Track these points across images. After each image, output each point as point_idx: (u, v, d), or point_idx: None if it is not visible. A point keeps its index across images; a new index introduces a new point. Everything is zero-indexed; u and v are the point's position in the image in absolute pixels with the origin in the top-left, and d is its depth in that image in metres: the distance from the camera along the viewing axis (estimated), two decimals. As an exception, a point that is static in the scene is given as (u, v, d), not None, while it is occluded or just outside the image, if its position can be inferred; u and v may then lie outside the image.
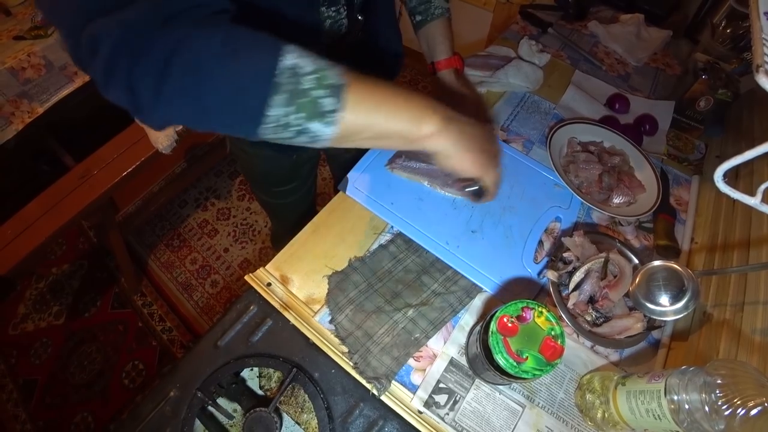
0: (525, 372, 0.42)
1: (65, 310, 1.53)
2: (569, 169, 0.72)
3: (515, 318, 0.44)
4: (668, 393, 0.39)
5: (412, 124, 0.40)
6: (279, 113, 0.34)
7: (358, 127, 0.38)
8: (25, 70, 1.19)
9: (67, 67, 1.28)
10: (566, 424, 0.53)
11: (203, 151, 1.83)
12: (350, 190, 0.70)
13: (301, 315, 0.59)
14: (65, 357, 1.45)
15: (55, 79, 1.27)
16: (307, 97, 0.34)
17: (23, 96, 1.22)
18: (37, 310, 1.54)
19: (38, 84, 1.24)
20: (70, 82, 1.31)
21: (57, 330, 1.50)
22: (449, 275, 0.63)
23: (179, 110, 0.34)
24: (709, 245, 0.65)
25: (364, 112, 0.37)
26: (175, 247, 1.69)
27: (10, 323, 1.51)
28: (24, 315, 1.52)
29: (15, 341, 1.48)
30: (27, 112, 1.25)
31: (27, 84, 1.21)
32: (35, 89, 1.24)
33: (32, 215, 1.21)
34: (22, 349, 1.46)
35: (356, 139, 0.39)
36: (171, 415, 0.53)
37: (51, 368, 1.42)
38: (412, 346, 0.57)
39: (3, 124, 1.21)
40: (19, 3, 1.34)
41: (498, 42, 1.01)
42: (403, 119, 0.39)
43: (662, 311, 0.52)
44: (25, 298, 1.56)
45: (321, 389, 0.55)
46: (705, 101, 0.79)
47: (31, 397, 1.38)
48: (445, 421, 0.53)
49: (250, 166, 0.83)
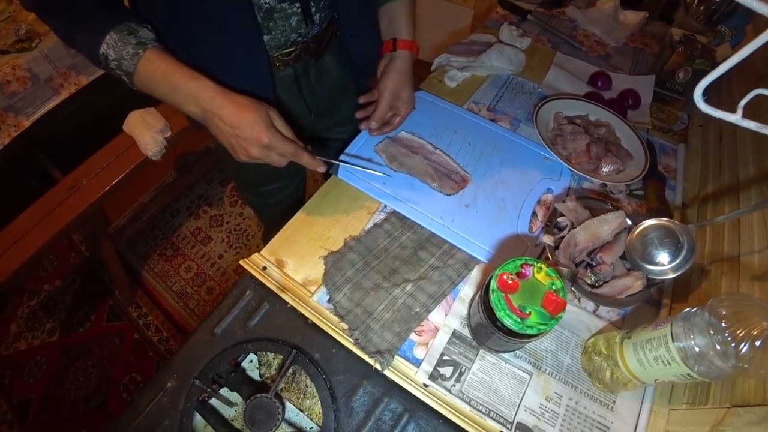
0: (529, 327, 0.41)
1: (59, 327, 1.50)
2: (557, 142, 0.73)
3: (515, 275, 0.44)
4: (675, 340, 0.39)
5: (177, 105, 0.55)
6: (107, 72, 0.55)
7: (146, 92, 0.55)
8: (11, 84, 1.18)
9: (53, 79, 1.28)
10: (575, 389, 0.53)
11: (193, 160, 1.82)
12: (342, 173, 0.70)
13: (298, 296, 0.58)
14: (60, 374, 1.41)
15: (41, 92, 1.26)
16: (113, 70, 0.53)
17: (9, 110, 1.21)
18: (30, 328, 1.50)
19: (24, 97, 1.23)
20: (56, 94, 1.30)
21: (51, 347, 1.46)
22: (445, 249, 0.63)
23: None
24: (700, 203, 0.65)
25: (144, 89, 0.55)
26: (169, 256, 1.66)
27: (3, 343, 1.47)
28: (16, 334, 1.49)
29: (8, 361, 1.44)
30: (13, 125, 1.24)
31: (13, 97, 1.20)
32: (21, 102, 1.23)
33: (22, 228, 1.19)
34: (16, 369, 1.42)
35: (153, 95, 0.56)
36: (169, 406, 0.52)
37: (46, 386, 1.39)
38: (413, 321, 0.57)
39: (-11, 138, 1.20)
40: (1, 19, 1.34)
41: (479, 30, 1.03)
42: (169, 103, 0.55)
43: (661, 270, 0.53)
44: (17, 317, 1.52)
45: (322, 370, 0.54)
46: (684, 72, 0.81)
47: (26, 417, 1.33)
48: (452, 392, 0.52)
49: (234, 164, 0.80)
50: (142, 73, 0.52)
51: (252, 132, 0.52)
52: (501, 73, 0.90)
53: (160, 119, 1.32)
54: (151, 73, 0.52)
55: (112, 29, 0.51)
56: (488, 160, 0.73)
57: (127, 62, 0.51)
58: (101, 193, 1.25)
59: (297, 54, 0.65)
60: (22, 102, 1.23)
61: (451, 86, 0.86)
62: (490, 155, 0.73)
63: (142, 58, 0.51)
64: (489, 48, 0.90)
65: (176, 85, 0.52)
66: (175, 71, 0.52)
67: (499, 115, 0.82)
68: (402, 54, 0.70)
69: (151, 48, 0.52)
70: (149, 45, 0.52)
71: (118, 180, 1.28)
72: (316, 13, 0.62)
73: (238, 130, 0.53)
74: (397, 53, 0.70)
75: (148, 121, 1.30)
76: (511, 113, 0.82)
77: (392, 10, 0.71)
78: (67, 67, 1.30)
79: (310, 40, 0.65)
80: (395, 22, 0.71)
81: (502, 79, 0.89)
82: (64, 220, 1.22)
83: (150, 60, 0.52)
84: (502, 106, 0.84)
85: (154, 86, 0.53)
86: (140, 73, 0.52)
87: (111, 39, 0.51)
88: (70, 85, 1.31)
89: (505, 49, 0.90)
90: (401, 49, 0.70)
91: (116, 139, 1.37)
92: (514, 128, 0.80)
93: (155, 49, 0.52)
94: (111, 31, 0.51)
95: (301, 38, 0.63)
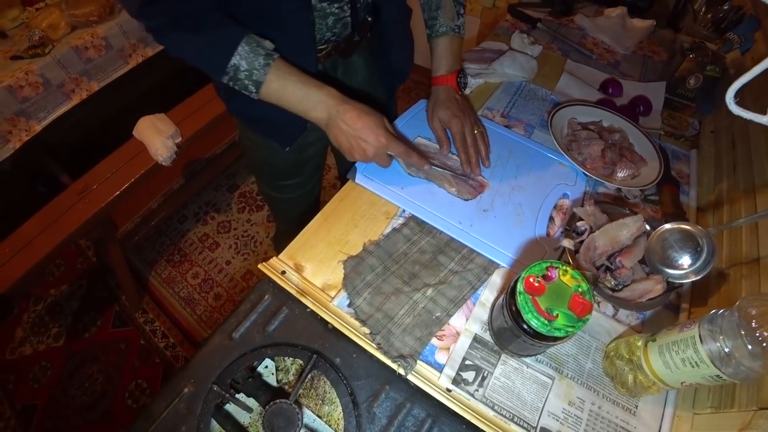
0: (557, 330, 0.42)
1: (65, 332, 1.49)
2: (572, 147, 0.74)
3: (541, 277, 0.44)
4: (703, 341, 0.39)
5: (302, 113, 0.61)
6: (225, 81, 0.58)
7: (272, 102, 0.60)
8: (23, 89, 1.19)
9: (65, 84, 1.29)
10: (597, 393, 0.53)
11: (201, 166, 1.83)
12: (359, 178, 0.70)
13: (318, 300, 0.58)
14: (66, 379, 1.40)
15: (53, 97, 1.27)
16: (240, 80, 0.57)
17: (21, 114, 1.22)
18: (36, 332, 1.49)
19: (36, 102, 1.24)
20: (68, 99, 1.31)
21: (56, 352, 1.45)
22: (465, 254, 0.63)
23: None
24: (715, 208, 0.66)
25: (273, 99, 0.59)
26: (176, 262, 1.66)
27: (8, 347, 1.46)
28: (22, 338, 1.48)
29: (13, 366, 1.43)
30: (24, 130, 1.24)
31: (25, 102, 1.21)
32: (33, 107, 1.24)
33: (31, 232, 1.19)
34: (21, 374, 1.41)
35: (276, 105, 0.60)
36: (186, 412, 0.51)
37: (51, 392, 1.38)
38: (434, 325, 0.57)
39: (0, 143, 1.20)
40: (15, 26, 1.35)
41: (490, 38, 1.04)
42: (295, 109, 0.60)
43: (682, 274, 0.53)
44: (23, 322, 1.52)
45: (343, 375, 0.54)
46: (695, 79, 0.82)
47: (30, 423, 1.32)
48: (475, 397, 0.52)
49: (256, 156, 0.85)
50: (274, 81, 0.57)
51: (372, 134, 0.59)
52: (513, 80, 0.91)
53: (171, 125, 1.33)
54: (283, 81, 0.57)
55: (242, 40, 0.55)
56: (504, 165, 0.73)
57: (258, 72, 0.56)
58: (111, 197, 1.26)
59: (328, 52, 0.68)
60: (34, 107, 1.24)
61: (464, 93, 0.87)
62: (506, 161, 0.74)
63: (272, 68, 0.56)
64: (501, 55, 0.91)
65: (308, 92, 0.58)
66: (306, 81, 0.58)
67: (513, 122, 0.83)
68: (435, 89, 0.77)
69: (277, 58, 0.57)
70: (275, 55, 0.57)
71: (128, 185, 1.28)
72: (351, 15, 0.65)
73: (360, 131, 0.59)
74: (433, 89, 0.77)
75: (158, 126, 1.31)
76: (525, 119, 0.83)
77: (433, 47, 0.76)
78: (78, 73, 1.31)
79: (341, 39, 0.68)
80: (433, 58, 0.76)
81: (515, 85, 0.91)
82: (73, 225, 1.22)
83: (281, 69, 0.57)
84: (515, 113, 0.85)
85: (286, 93, 0.58)
86: (271, 82, 0.57)
87: (243, 50, 0.55)
88: (81, 90, 1.32)
89: (518, 57, 0.91)
90: (433, 85, 0.77)
91: (126, 145, 1.37)
92: (528, 134, 0.80)
93: (281, 60, 0.58)
94: (242, 42, 0.55)
95: (334, 37, 0.67)
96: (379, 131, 0.60)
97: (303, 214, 1.00)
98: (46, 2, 1.37)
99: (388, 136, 0.61)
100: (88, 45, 1.30)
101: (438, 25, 0.74)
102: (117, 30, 1.36)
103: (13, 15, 1.36)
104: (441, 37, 0.74)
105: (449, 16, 0.73)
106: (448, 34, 0.74)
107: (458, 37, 0.75)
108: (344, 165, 1.05)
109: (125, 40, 1.40)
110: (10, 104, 1.18)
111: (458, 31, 0.74)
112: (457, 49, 0.75)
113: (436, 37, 0.75)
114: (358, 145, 0.60)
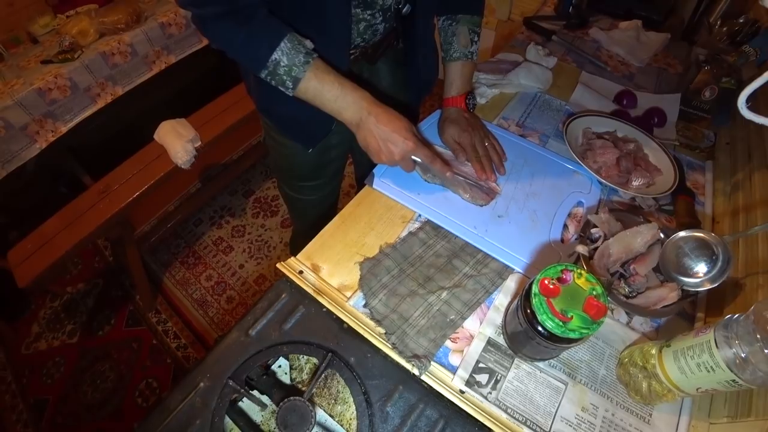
0: (572, 331, 0.42)
1: (79, 329, 1.52)
2: (587, 156, 0.75)
3: (556, 280, 0.45)
4: (719, 346, 0.39)
5: (335, 113, 0.63)
6: (263, 75, 0.60)
7: (306, 99, 0.62)
8: (52, 91, 1.24)
9: (91, 88, 1.34)
10: (611, 400, 0.53)
11: (217, 171, 1.87)
12: (377, 183, 0.72)
13: (334, 300, 0.59)
14: (78, 376, 1.43)
15: (80, 100, 1.32)
16: (278, 75, 0.59)
17: (48, 116, 1.27)
18: (51, 329, 1.53)
19: (63, 104, 1.29)
20: (93, 102, 1.36)
21: (70, 348, 1.48)
22: (479, 258, 0.64)
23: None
24: (731, 218, 0.66)
25: (309, 96, 0.62)
26: (191, 264, 1.69)
27: (24, 342, 1.49)
28: (37, 334, 1.52)
29: (28, 360, 1.46)
30: (51, 131, 1.29)
31: (53, 104, 1.26)
32: (60, 109, 1.29)
33: (53, 230, 1.23)
34: (35, 369, 1.44)
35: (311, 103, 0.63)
36: (201, 406, 0.52)
37: (63, 387, 1.40)
38: (448, 328, 0.58)
39: (27, 143, 1.25)
40: (46, 32, 1.42)
41: (506, 49, 1.06)
42: (329, 108, 0.62)
43: (697, 282, 0.53)
44: (39, 318, 1.55)
45: (358, 374, 0.54)
46: (710, 91, 0.83)
47: (41, 418, 1.34)
48: (488, 399, 0.52)
49: (279, 156, 0.88)
50: (312, 79, 0.59)
51: (401, 138, 0.62)
52: (529, 90, 0.92)
53: (191, 129, 1.37)
54: (321, 79, 0.60)
55: (285, 37, 0.57)
56: (519, 172, 0.74)
57: (297, 69, 0.58)
58: (131, 198, 1.30)
59: (356, 57, 0.71)
60: (61, 109, 1.29)
61: (480, 102, 0.89)
62: (520, 168, 0.75)
63: (311, 66, 0.59)
64: (517, 66, 0.93)
65: (344, 92, 0.61)
66: (342, 81, 0.61)
67: (528, 131, 0.84)
68: (446, 109, 0.80)
69: (316, 58, 0.60)
70: (314, 55, 0.60)
71: (148, 186, 1.32)
72: (382, 23, 0.68)
73: (390, 135, 0.62)
74: (444, 109, 0.80)
75: (178, 130, 1.35)
76: (540, 129, 0.84)
77: (446, 70, 0.79)
78: (105, 78, 1.36)
79: (369, 45, 0.71)
80: (446, 80, 0.79)
81: (530, 96, 0.92)
82: (93, 224, 1.26)
83: (319, 68, 0.60)
84: (530, 122, 0.86)
85: (322, 91, 0.61)
86: (309, 79, 0.59)
87: (285, 46, 0.57)
88: (106, 94, 1.38)
89: (533, 68, 0.92)
90: (444, 107, 0.80)
91: (146, 148, 1.42)
92: (543, 143, 0.82)
93: (319, 59, 0.60)
94: (285, 39, 0.57)
95: (363, 43, 0.70)
96: (409, 135, 0.62)
97: (320, 217, 1.02)
98: (77, 10, 1.43)
99: (416, 141, 0.63)
100: (115, 51, 1.35)
101: (452, 50, 0.77)
102: (142, 37, 1.41)
103: (45, 22, 1.43)
104: (454, 62, 0.77)
105: (463, 43, 0.76)
106: (461, 59, 0.77)
107: (470, 63, 0.78)
108: (361, 170, 1.07)
109: (150, 47, 1.45)
110: (39, 106, 1.23)
111: (471, 57, 0.77)
112: (468, 74, 0.78)
113: (449, 61, 0.78)
114: (387, 147, 0.63)
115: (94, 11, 1.40)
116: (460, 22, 0.76)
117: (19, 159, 1.27)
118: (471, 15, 0.76)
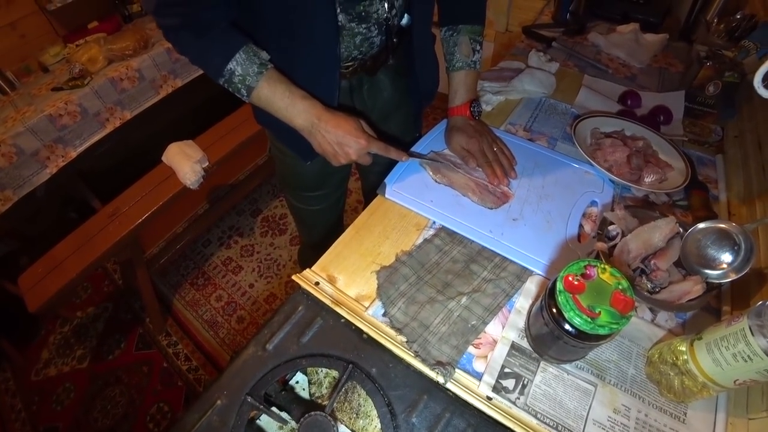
0: (601, 327, 0.41)
1: (89, 354, 1.51)
2: (597, 155, 0.75)
3: (580, 276, 0.44)
4: (755, 335, 0.38)
5: (287, 120, 0.66)
6: (221, 83, 0.63)
7: (261, 107, 0.65)
8: (62, 117, 1.26)
9: (100, 113, 1.36)
10: (642, 400, 0.51)
11: (225, 192, 1.88)
12: (389, 192, 0.72)
13: (353, 310, 0.58)
14: (88, 402, 1.41)
15: (89, 125, 1.35)
16: (234, 84, 0.62)
17: (59, 141, 1.29)
18: (61, 354, 1.52)
19: (73, 130, 1.31)
20: (102, 127, 1.38)
21: (80, 374, 1.47)
22: (497, 262, 0.63)
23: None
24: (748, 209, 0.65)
25: (262, 104, 0.65)
26: (200, 285, 1.69)
27: (33, 369, 1.48)
28: (47, 360, 1.50)
29: (37, 387, 1.44)
30: (61, 156, 1.31)
31: (63, 130, 1.28)
32: (70, 135, 1.31)
33: (63, 253, 1.24)
34: (45, 395, 1.42)
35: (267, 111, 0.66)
36: (218, 424, 0.50)
37: (73, 414, 1.38)
38: (470, 334, 0.57)
39: (38, 168, 1.26)
40: (56, 61, 1.45)
41: (508, 58, 1.08)
42: (281, 115, 0.66)
43: (721, 273, 0.52)
44: (48, 343, 1.54)
45: (380, 385, 0.53)
46: (714, 86, 0.83)
47: (53, 448, 1.32)
48: (517, 405, 0.51)
49: (283, 166, 0.89)
50: (264, 88, 0.63)
51: (352, 138, 0.64)
52: (533, 95, 0.93)
53: (198, 150, 1.39)
54: (272, 89, 0.63)
55: (241, 49, 0.60)
56: (530, 175, 0.74)
57: (251, 78, 0.62)
58: (140, 219, 1.30)
59: (354, 69, 0.72)
60: (71, 134, 1.32)
61: (486, 109, 0.90)
62: (531, 171, 0.75)
63: (264, 76, 0.62)
64: (520, 73, 0.94)
65: (294, 101, 0.64)
66: (293, 90, 0.64)
67: (536, 135, 0.85)
68: (452, 118, 0.82)
69: (271, 68, 0.63)
70: (269, 66, 0.63)
71: (156, 208, 1.33)
72: (378, 36, 0.70)
73: (341, 137, 0.64)
74: (449, 118, 0.82)
75: (186, 152, 1.37)
76: (547, 132, 0.85)
77: (450, 79, 0.80)
78: (113, 103, 1.39)
79: (367, 58, 0.72)
80: (450, 90, 0.81)
81: (535, 101, 0.93)
82: (103, 246, 1.26)
83: (272, 78, 0.63)
84: (537, 126, 0.86)
85: (274, 100, 0.64)
86: (262, 88, 0.63)
87: (240, 57, 0.60)
88: (115, 119, 1.40)
89: (536, 73, 0.93)
90: (449, 116, 0.82)
91: (154, 170, 1.43)
92: (552, 146, 0.82)
93: (273, 70, 0.63)
94: (240, 50, 0.60)
95: (360, 55, 0.71)
96: (359, 134, 0.65)
97: (327, 228, 1.02)
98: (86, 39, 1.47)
99: (367, 137, 0.66)
100: (123, 77, 1.38)
101: (455, 60, 0.78)
102: (150, 63, 1.45)
103: (55, 51, 1.47)
104: (457, 72, 0.78)
105: (466, 53, 0.77)
106: (464, 69, 0.78)
107: (473, 72, 0.79)
108: (368, 182, 1.07)
109: (157, 72, 1.48)
110: (49, 132, 1.25)
111: (474, 66, 0.78)
112: (472, 83, 0.79)
113: (453, 71, 0.79)
114: (342, 150, 0.65)
115: (103, 39, 1.44)
116: (462, 32, 0.77)
117: (30, 184, 1.29)
118: (472, 25, 0.77)
